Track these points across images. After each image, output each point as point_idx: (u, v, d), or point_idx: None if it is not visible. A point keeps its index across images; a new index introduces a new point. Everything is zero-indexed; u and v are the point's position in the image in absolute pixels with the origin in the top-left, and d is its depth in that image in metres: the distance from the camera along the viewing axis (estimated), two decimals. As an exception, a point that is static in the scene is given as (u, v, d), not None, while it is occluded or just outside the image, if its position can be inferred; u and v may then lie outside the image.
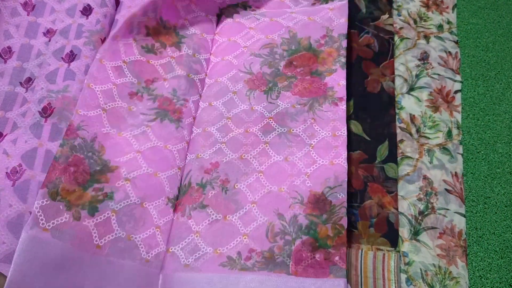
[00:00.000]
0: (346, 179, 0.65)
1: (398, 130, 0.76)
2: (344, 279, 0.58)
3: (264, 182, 0.67)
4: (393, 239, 0.67)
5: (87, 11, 0.77)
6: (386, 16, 0.88)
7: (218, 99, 0.74)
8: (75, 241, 0.57)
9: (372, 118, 0.77)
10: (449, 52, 0.85)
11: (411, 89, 0.81)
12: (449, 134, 0.76)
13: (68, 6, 0.78)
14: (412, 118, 0.78)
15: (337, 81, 0.74)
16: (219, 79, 0.76)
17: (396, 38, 0.86)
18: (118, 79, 0.72)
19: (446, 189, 0.71)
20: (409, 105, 0.79)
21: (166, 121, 0.70)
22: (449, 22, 0.89)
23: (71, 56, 0.72)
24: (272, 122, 0.71)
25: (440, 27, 0.88)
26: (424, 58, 0.84)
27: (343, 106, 0.72)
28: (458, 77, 0.82)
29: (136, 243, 0.60)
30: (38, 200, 0.57)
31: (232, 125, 0.72)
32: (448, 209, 0.70)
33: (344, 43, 0.77)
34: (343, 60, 0.76)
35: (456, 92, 0.81)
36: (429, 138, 0.76)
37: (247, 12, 0.84)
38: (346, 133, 0.69)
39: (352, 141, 0.75)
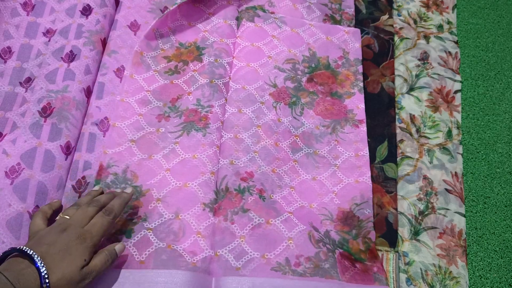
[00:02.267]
0: (372, 196, 0.69)
1: (398, 130, 0.76)
2: (388, 287, 0.62)
3: (296, 197, 0.69)
4: (391, 239, 0.67)
5: (86, 11, 0.77)
6: (386, 16, 0.88)
7: (248, 107, 0.74)
8: (117, 264, 0.59)
9: (372, 119, 0.77)
10: (449, 52, 0.85)
11: (411, 89, 0.81)
12: (449, 134, 0.76)
13: (68, 6, 0.77)
14: (412, 118, 0.78)
15: (356, 104, 0.78)
16: (247, 86, 0.76)
17: (396, 38, 0.86)
18: (144, 108, 0.72)
19: (446, 189, 0.71)
20: (409, 105, 0.79)
21: (192, 132, 0.70)
22: (449, 22, 0.89)
23: (71, 56, 0.72)
24: (299, 141, 0.74)
25: (440, 27, 0.88)
26: (424, 58, 0.84)
27: (363, 128, 0.75)
28: (458, 77, 0.82)
29: (179, 252, 0.60)
30: None
31: (262, 133, 0.73)
32: (448, 209, 0.69)
33: (360, 69, 0.81)
34: (361, 84, 0.79)
35: (456, 92, 0.81)
36: (429, 138, 0.76)
37: (267, 15, 0.85)
38: (368, 153, 0.73)
39: (352, 141, 0.75)
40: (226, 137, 0.71)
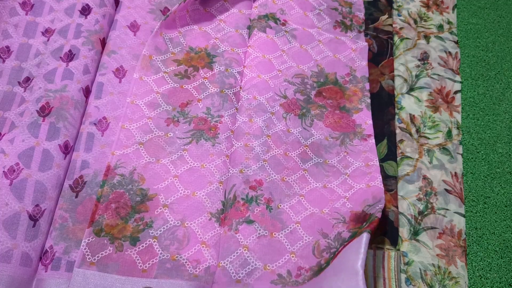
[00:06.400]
0: (384, 196, 0.66)
1: (398, 130, 0.76)
2: (367, 234, 0.56)
3: (306, 204, 0.68)
4: (393, 237, 0.66)
5: (85, 10, 0.77)
6: (386, 16, 0.88)
7: (259, 116, 0.75)
8: (120, 271, 0.59)
9: (372, 117, 0.77)
10: (449, 52, 0.85)
11: (411, 89, 0.80)
12: (449, 134, 0.76)
13: (67, 5, 0.77)
14: (412, 118, 0.77)
15: (364, 120, 0.77)
16: (258, 97, 0.77)
17: (396, 38, 0.86)
18: (153, 111, 0.73)
19: (445, 189, 0.71)
20: (409, 105, 0.79)
21: (201, 141, 0.71)
22: (449, 22, 0.89)
23: (70, 56, 0.72)
24: (308, 151, 0.73)
25: (440, 27, 0.88)
26: (424, 58, 0.84)
27: (372, 140, 0.74)
28: (458, 78, 0.82)
29: (182, 262, 0.61)
30: (85, 238, 0.60)
31: (272, 143, 0.73)
32: (447, 209, 0.69)
33: (367, 86, 0.80)
34: (368, 101, 0.78)
35: (456, 92, 0.81)
36: (429, 138, 0.75)
37: (278, 26, 0.85)
38: (378, 163, 0.71)
39: (352, 141, 0.75)
40: (237, 146, 0.71)
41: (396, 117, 0.77)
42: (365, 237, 0.56)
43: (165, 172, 0.68)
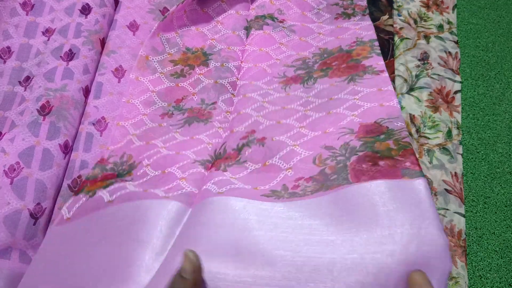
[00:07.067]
0: (401, 114, 0.55)
1: (397, 130, 0.76)
2: (424, 178, 0.44)
3: (306, 132, 0.61)
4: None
5: (86, 10, 0.77)
6: (386, 16, 0.88)
7: (255, 92, 0.72)
8: (88, 212, 0.56)
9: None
10: (449, 52, 0.85)
11: (411, 89, 0.80)
12: (449, 134, 0.76)
13: (67, 5, 0.78)
14: (412, 118, 0.77)
15: (376, 61, 0.70)
16: (254, 82, 0.76)
17: (396, 38, 0.86)
18: (148, 109, 0.72)
19: (445, 189, 0.71)
20: (409, 105, 0.79)
21: (194, 123, 0.70)
22: (449, 22, 0.89)
23: (70, 55, 0.72)
24: (311, 98, 0.68)
25: (440, 27, 0.88)
26: (424, 58, 0.84)
27: (385, 74, 0.66)
28: (458, 78, 0.82)
29: (155, 192, 0.56)
30: (67, 203, 0.59)
31: (268, 105, 0.70)
32: (447, 209, 0.69)
33: (376, 43, 0.75)
34: (378, 51, 0.73)
35: (456, 92, 0.81)
36: (429, 138, 0.75)
37: (275, 23, 0.84)
38: (393, 88, 0.62)
39: (351, 141, 0.74)
40: (231, 117, 0.70)
41: (396, 117, 0.77)
42: (422, 185, 0.43)
43: (154, 147, 0.66)
